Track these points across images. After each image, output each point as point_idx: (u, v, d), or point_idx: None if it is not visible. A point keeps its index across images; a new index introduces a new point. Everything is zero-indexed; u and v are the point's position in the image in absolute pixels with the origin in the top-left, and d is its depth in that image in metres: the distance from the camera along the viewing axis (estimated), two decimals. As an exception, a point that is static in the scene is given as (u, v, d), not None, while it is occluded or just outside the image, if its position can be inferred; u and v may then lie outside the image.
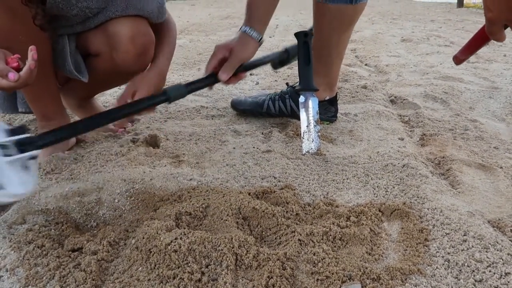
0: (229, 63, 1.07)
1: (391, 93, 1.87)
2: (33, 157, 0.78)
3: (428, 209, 0.85)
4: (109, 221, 0.87)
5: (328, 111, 1.43)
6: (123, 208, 0.90)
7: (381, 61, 2.62)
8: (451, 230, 0.76)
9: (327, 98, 1.42)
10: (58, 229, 0.82)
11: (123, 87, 1.81)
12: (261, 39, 1.12)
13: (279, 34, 3.94)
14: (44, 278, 0.65)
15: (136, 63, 1.10)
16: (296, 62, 1.25)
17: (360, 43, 3.36)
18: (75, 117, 1.41)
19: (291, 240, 0.72)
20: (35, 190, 0.93)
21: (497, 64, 2.49)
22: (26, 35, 0.94)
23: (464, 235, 0.74)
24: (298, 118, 1.45)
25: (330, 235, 0.74)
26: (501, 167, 1.12)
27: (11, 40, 0.93)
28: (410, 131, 1.44)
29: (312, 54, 1.23)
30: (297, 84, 1.46)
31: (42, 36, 1.00)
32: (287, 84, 1.52)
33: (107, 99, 1.70)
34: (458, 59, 1.02)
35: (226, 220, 0.76)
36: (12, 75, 0.72)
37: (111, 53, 1.07)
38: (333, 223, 0.77)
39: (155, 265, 0.66)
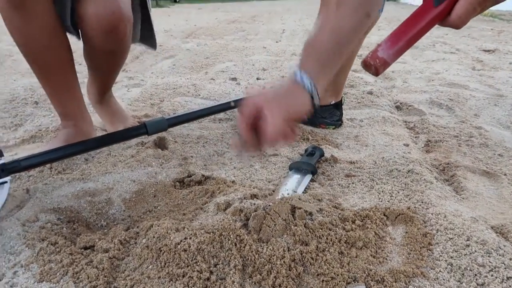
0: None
1: (396, 99, 1.89)
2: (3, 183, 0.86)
3: (432, 214, 0.86)
4: (119, 220, 0.89)
5: (334, 115, 1.45)
6: (132, 208, 0.92)
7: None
8: (455, 235, 0.78)
9: (333, 102, 1.44)
10: (70, 228, 0.84)
11: (134, 91, 1.84)
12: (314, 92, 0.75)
13: (286, 39, 3.96)
14: (58, 274, 0.67)
15: (106, 40, 1.04)
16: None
17: (366, 49, 3.37)
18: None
19: (297, 242, 0.74)
20: (47, 190, 0.96)
21: (503, 72, 2.49)
22: (32, 28, 0.97)
23: (467, 240, 0.76)
24: (305, 121, 1.47)
25: (336, 237, 0.76)
26: (505, 174, 1.13)
27: (26, 36, 0.98)
28: (415, 137, 1.45)
29: None
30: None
31: (58, 33, 1.03)
32: None
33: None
34: (386, 63, 0.67)
35: (232, 220, 0.77)
36: None
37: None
38: (338, 226, 0.79)
39: (165, 264, 0.68)
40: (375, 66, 0.67)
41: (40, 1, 0.94)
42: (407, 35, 0.67)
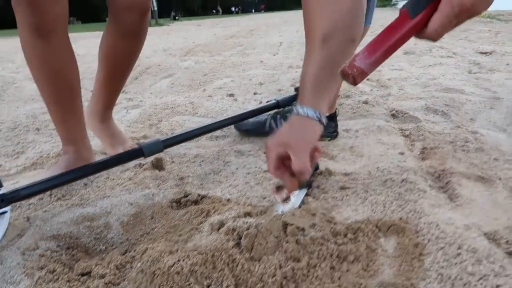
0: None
1: (392, 107, 1.90)
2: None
3: (424, 223, 0.87)
4: (117, 244, 0.91)
5: (329, 126, 1.47)
6: (130, 232, 0.94)
7: (383, 75, 2.66)
8: (446, 243, 0.78)
9: (327, 115, 1.45)
10: (69, 254, 0.86)
11: (133, 113, 1.87)
12: (320, 117, 0.84)
13: (283, 52, 4.00)
14: (55, 302, 0.69)
15: (136, 22, 1.17)
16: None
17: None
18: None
19: (289, 259, 0.75)
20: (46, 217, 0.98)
21: (499, 73, 2.50)
22: (52, 56, 1.06)
23: (458, 249, 0.76)
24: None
25: (328, 252, 0.76)
26: (499, 179, 1.13)
27: (43, 62, 1.06)
28: (411, 145, 1.46)
29: None
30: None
31: (71, 59, 1.11)
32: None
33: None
34: (363, 73, 0.66)
35: (225, 240, 0.79)
36: None
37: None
38: (330, 241, 0.80)
39: (159, 287, 0.69)
40: (352, 76, 0.67)
41: (60, 31, 1.04)
42: (384, 45, 0.67)
